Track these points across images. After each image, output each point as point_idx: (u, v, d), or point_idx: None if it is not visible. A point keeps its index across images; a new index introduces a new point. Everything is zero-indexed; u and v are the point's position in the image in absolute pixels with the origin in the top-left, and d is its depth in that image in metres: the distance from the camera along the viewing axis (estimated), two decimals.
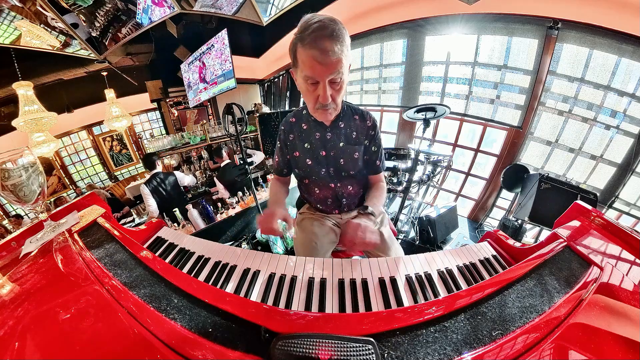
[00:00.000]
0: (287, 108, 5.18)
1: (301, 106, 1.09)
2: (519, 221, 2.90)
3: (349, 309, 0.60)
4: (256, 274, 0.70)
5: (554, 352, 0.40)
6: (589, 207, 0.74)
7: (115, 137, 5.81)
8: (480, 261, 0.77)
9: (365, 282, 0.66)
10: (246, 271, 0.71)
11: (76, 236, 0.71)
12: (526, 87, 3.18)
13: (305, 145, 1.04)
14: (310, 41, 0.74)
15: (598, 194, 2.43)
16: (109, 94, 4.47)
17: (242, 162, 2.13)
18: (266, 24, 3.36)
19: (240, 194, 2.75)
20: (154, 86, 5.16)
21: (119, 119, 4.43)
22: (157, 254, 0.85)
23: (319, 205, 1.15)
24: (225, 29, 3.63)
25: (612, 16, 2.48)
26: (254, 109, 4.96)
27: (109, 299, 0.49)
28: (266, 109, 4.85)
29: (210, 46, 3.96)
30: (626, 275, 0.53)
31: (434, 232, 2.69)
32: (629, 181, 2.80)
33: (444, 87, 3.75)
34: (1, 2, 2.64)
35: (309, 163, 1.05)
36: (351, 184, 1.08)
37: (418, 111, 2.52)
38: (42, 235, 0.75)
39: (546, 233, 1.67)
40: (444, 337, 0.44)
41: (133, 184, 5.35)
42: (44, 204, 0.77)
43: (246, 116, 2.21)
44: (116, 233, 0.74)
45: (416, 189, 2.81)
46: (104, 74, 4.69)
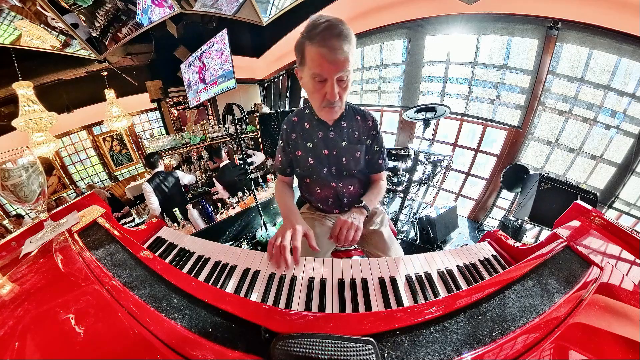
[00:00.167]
0: (287, 108, 5.19)
1: (303, 106, 1.10)
2: (519, 221, 2.90)
3: (349, 309, 0.60)
4: (256, 274, 0.70)
5: (554, 352, 0.40)
6: (589, 207, 0.74)
7: (115, 137, 5.81)
8: (480, 261, 0.77)
9: (365, 282, 0.65)
10: (246, 271, 0.71)
11: (76, 236, 0.71)
12: (526, 87, 3.18)
13: (307, 144, 1.04)
14: (320, 39, 0.76)
15: (598, 194, 2.43)
16: (109, 94, 4.48)
17: (241, 162, 2.13)
18: (266, 24, 3.36)
19: (240, 194, 2.75)
20: (154, 86, 5.17)
21: (119, 119, 4.44)
22: (157, 254, 0.85)
23: (319, 205, 1.15)
24: (225, 29, 3.63)
25: (612, 16, 2.48)
26: (254, 109, 4.95)
27: (109, 299, 0.49)
28: (266, 109, 4.84)
29: (210, 46, 3.96)
30: (626, 275, 0.53)
31: (434, 232, 2.69)
32: (629, 181, 2.80)
33: (444, 87, 3.75)
34: (1, 2, 2.64)
35: (311, 162, 1.05)
36: (352, 183, 1.09)
37: (418, 111, 2.52)
38: (42, 235, 0.75)
39: (546, 233, 1.67)
40: (444, 337, 0.44)
41: (133, 184, 5.36)
42: (44, 203, 0.77)
43: (246, 116, 2.21)
44: (116, 233, 0.74)
45: (416, 189, 2.81)
46: (104, 74, 4.69)
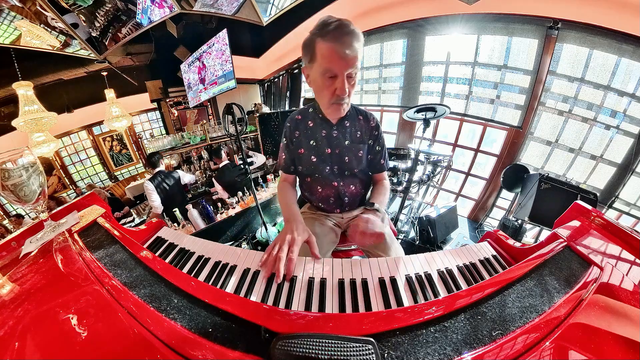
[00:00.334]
0: (287, 108, 5.18)
1: (306, 105, 1.11)
2: (519, 221, 2.90)
3: (349, 309, 0.60)
4: (256, 274, 0.70)
5: (554, 352, 0.40)
6: (589, 207, 0.74)
7: (115, 137, 5.81)
8: (480, 261, 0.77)
9: (365, 282, 0.65)
10: (246, 271, 0.71)
11: (76, 236, 0.71)
12: (526, 87, 3.18)
13: (310, 143, 1.05)
14: (332, 36, 0.79)
15: (598, 194, 2.43)
16: (109, 94, 4.48)
17: (241, 162, 2.13)
18: (266, 24, 3.36)
19: (240, 194, 2.75)
20: (154, 86, 5.16)
21: (119, 119, 4.44)
22: (157, 254, 0.85)
23: (320, 204, 1.15)
24: (225, 29, 3.63)
25: (612, 16, 2.48)
26: (254, 109, 4.95)
27: (109, 299, 0.49)
28: (266, 109, 4.84)
29: (210, 46, 3.96)
30: (626, 275, 0.53)
31: (434, 232, 2.70)
32: (629, 181, 2.80)
33: (444, 87, 3.75)
34: (1, 2, 2.64)
35: (314, 160, 1.06)
36: (353, 183, 1.10)
37: (418, 111, 2.52)
38: (42, 235, 0.75)
39: (546, 233, 1.67)
40: (444, 337, 0.44)
41: (133, 184, 5.36)
42: (45, 203, 0.77)
43: (246, 116, 2.21)
44: (116, 233, 0.74)
45: (416, 189, 2.81)
46: (104, 74, 4.68)
